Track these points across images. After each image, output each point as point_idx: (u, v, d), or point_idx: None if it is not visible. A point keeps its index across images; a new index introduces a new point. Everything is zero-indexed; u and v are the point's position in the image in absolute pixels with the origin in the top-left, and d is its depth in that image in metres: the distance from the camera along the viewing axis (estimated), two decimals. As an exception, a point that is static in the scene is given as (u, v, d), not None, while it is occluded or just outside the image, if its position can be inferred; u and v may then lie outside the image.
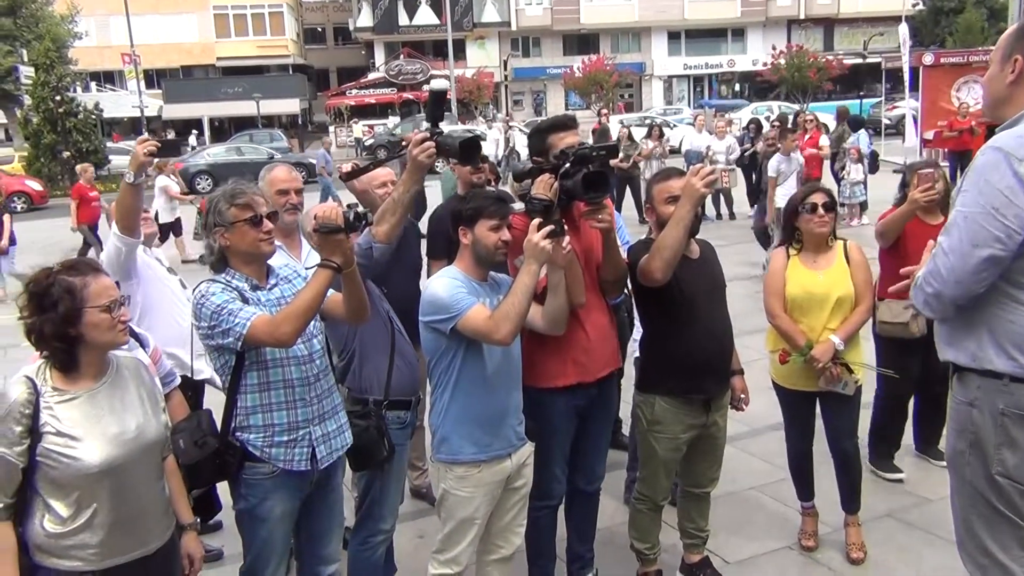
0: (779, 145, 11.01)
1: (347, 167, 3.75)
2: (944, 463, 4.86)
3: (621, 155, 10.81)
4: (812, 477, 4.40)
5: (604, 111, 23.11)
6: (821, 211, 4.02)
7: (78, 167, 15.65)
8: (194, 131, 41.60)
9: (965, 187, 2.55)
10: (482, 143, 3.41)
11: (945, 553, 3.85)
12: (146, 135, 3.98)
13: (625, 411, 4.82)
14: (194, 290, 2.97)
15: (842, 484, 4.32)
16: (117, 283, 2.68)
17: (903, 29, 19.27)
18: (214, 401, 3.20)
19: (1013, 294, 2.53)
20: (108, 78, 46.59)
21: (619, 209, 12.72)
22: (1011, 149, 2.45)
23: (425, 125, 3.36)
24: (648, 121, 21.11)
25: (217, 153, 29.62)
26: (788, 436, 4.43)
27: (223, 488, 3.18)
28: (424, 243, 4.71)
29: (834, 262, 4.10)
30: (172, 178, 14.66)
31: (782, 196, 10.06)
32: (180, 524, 2.85)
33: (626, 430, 5.32)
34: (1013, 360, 2.54)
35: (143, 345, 3.23)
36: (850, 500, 4.32)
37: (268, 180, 3.83)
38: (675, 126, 27.72)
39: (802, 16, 50.24)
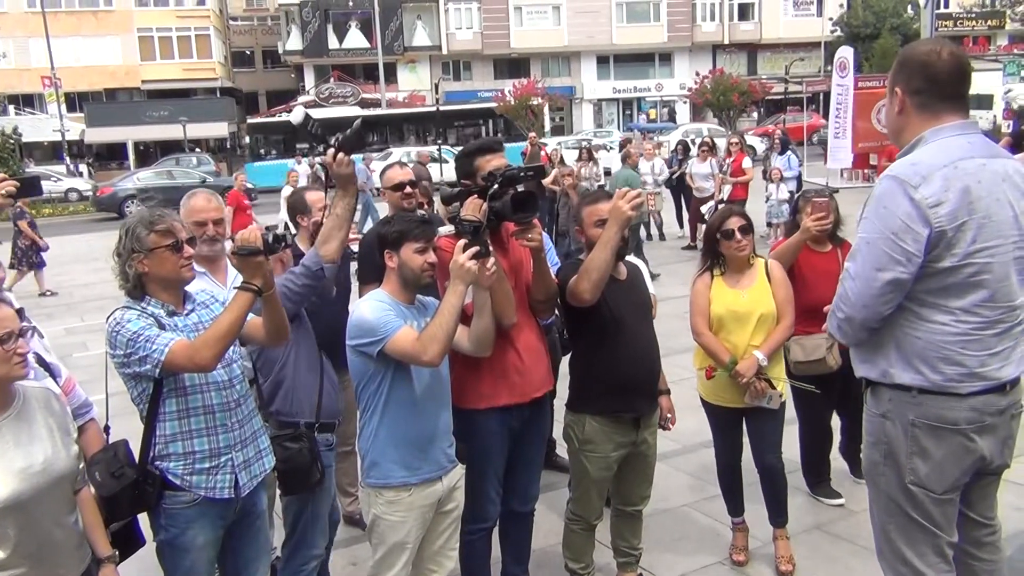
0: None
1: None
2: (861, 480, 5.02)
3: (552, 176, 10.95)
4: (741, 493, 4.46)
5: (532, 135, 23.26)
6: (738, 236, 4.10)
7: (235, 175, 15.03)
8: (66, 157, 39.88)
9: (866, 215, 2.67)
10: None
11: (870, 564, 3.93)
12: (2, 174, 3.66)
13: (559, 431, 4.83)
14: (108, 318, 2.88)
15: (768, 498, 4.38)
16: (20, 312, 2.56)
17: (847, 51, 19.82)
18: (131, 430, 3.10)
19: (918, 311, 2.64)
20: (28, 101, 45.36)
21: (550, 232, 12.81)
22: (906, 177, 2.57)
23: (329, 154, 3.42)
24: (584, 144, 21.28)
25: (147, 177, 28.96)
26: (717, 452, 4.48)
27: (145, 521, 3.08)
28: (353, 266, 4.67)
29: (756, 281, 4.19)
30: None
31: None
32: (97, 557, 2.75)
33: (560, 451, 5.33)
34: (920, 374, 2.65)
35: (54, 375, 3.11)
36: (777, 514, 4.38)
37: (187, 209, 3.75)
38: (611, 148, 28.00)
39: (726, 41, 51.58)
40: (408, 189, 4.60)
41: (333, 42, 48.64)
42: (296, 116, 3.55)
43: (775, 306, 4.16)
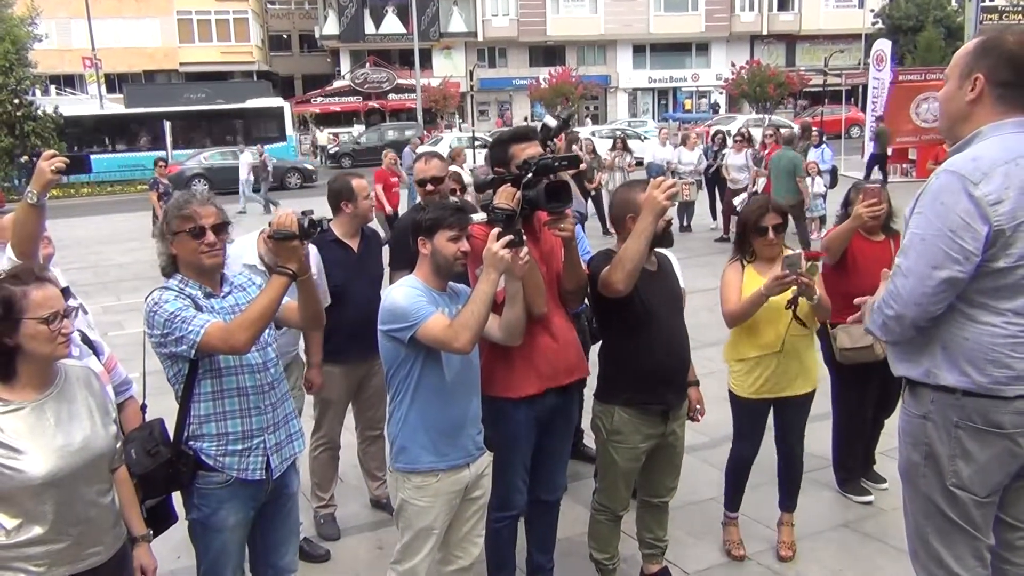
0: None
1: None
2: (878, 485, 4.96)
3: (585, 171, 10.94)
4: (744, 488, 4.48)
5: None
6: (771, 235, 4.06)
7: (384, 152, 14.91)
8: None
9: (920, 209, 2.58)
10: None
11: (898, 564, 3.90)
12: (52, 151, 3.49)
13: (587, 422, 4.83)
14: (146, 298, 2.92)
15: (783, 482, 4.43)
16: (66, 291, 2.60)
17: (884, 44, 19.51)
18: (167, 410, 3.15)
19: (967, 312, 2.57)
20: (68, 82, 45.86)
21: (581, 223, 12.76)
22: (966, 172, 2.48)
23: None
24: (618, 133, 21.17)
25: (212, 157, 29.34)
26: (737, 446, 4.46)
27: (179, 499, 3.13)
28: (387, 252, 4.70)
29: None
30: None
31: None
32: (132, 536, 2.80)
33: (588, 441, 5.33)
34: (966, 375, 2.58)
35: (96, 353, 3.17)
36: (788, 498, 4.44)
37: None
38: (646, 138, 27.83)
39: (765, 32, 51.00)
40: (430, 187, 4.59)
41: (370, 27, 48.70)
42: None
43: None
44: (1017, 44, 2.55)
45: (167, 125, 29.85)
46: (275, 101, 33.64)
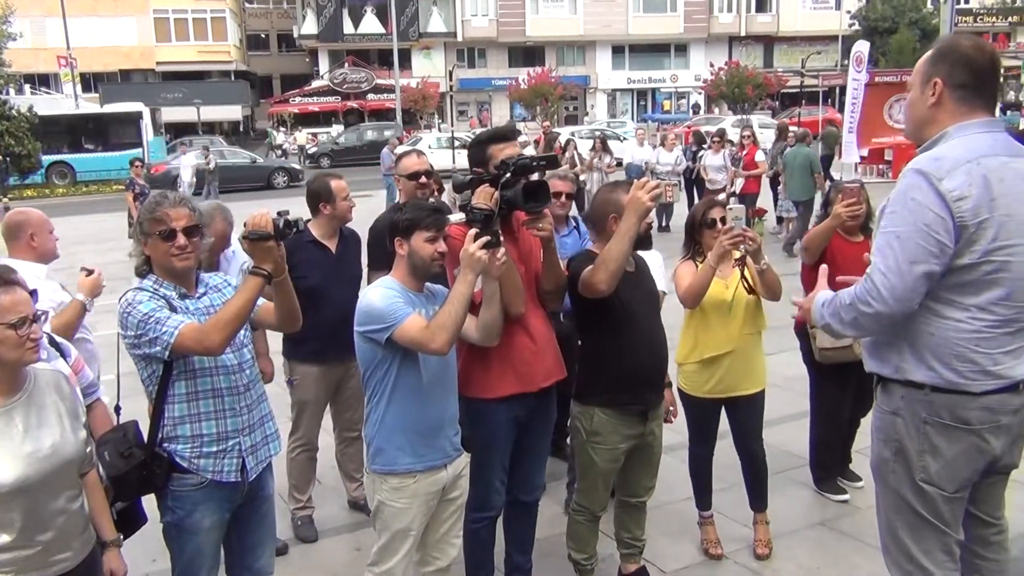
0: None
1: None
2: (854, 484, 5.01)
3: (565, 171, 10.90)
4: (711, 486, 4.50)
5: (546, 123, 23.21)
6: (720, 224, 4.06)
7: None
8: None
9: (892, 209, 2.62)
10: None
11: (874, 561, 3.92)
12: (95, 269, 3.82)
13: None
14: (120, 299, 2.89)
15: (749, 483, 4.45)
16: (33, 293, 2.56)
17: (863, 45, 19.63)
18: (141, 411, 3.12)
19: (933, 308, 2.62)
20: (43, 81, 45.34)
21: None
22: (931, 170, 2.54)
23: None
24: (598, 133, 21.20)
25: (199, 156, 29.19)
26: (692, 445, 4.49)
27: (148, 501, 3.10)
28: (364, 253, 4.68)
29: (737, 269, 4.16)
30: None
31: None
32: (102, 540, 2.77)
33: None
34: (933, 371, 2.63)
35: (64, 355, 3.13)
36: (757, 498, 4.46)
37: None
38: (625, 139, 27.91)
39: (743, 33, 51.29)
40: (423, 179, 4.60)
41: (348, 27, 48.56)
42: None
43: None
44: (971, 48, 2.65)
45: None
46: (134, 106, 33.22)
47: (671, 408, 4.03)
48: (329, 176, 4.69)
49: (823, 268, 2.89)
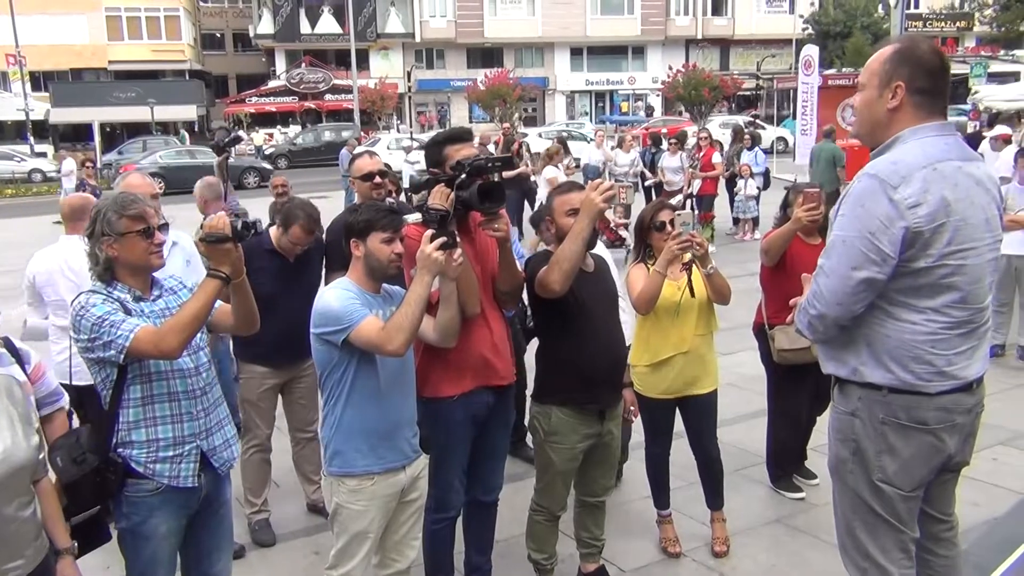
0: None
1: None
2: (810, 481, 5.08)
3: (525, 165, 10.87)
4: (668, 485, 4.55)
5: (506, 125, 23.20)
6: (669, 228, 4.09)
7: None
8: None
9: (843, 211, 2.66)
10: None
11: (828, 556, 3.99)
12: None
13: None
14: (72, 302, 2.84)
15: (705, 482, 4.50)
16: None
17: (812, 50, 19.90)
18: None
19: (889, 310, 2.66)
20: (-9, 79, 44.48)
21: (518, 224, 12.78)
22: (886, 176, 2.57)
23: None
24: (563, 134, 21.25)
25: (168, 156, 28.87)
26: (648, 445, 4.53)
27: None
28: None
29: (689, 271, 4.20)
30: None
31: None
32: (56, 548, 2.71)
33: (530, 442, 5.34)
34: (891, 372, 2.67)
35: (22, 362, 3.06)
36: (713, 497, 4.52)
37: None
38: (591, 140, 27.88)
39: (699, 36, 51.83)
40: (378, 179, 4.58)
41: (305, 27, 48.17)
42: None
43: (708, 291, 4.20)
44: (931, 52, 2.68)
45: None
46: None
47: (632, 408, 4.06)
48: (310, 206, 4.55)
49: (805, 276, 2.89)
